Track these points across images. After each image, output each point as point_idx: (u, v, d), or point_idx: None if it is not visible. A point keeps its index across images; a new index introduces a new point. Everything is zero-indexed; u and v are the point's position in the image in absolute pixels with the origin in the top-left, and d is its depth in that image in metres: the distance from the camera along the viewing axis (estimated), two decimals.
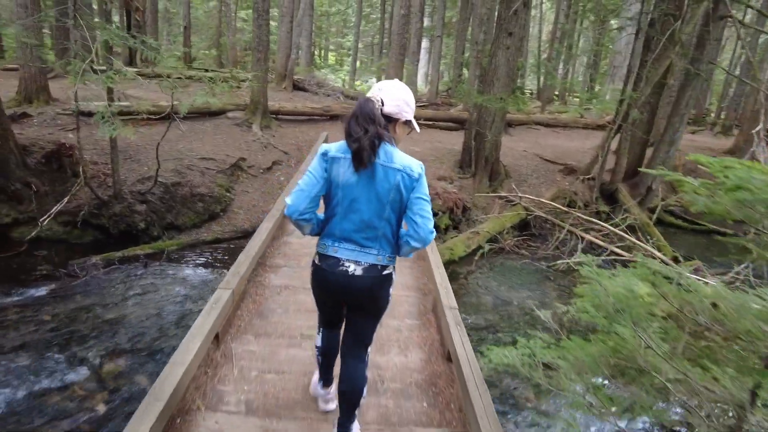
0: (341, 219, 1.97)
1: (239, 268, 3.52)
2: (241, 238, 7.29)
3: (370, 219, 1.95)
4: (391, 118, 1.99)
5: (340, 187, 1.94)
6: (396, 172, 1.91)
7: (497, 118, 8.89)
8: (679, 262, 8.16)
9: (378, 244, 1.99)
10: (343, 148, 1.94)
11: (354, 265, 1.97)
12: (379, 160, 1.91)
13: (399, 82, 2.08)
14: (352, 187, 1.93)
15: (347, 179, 1.92)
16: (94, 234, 6.86)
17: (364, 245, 1.98)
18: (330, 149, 1.96)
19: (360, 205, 1.94)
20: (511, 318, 6.30)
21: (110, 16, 5.84)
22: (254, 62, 9.67)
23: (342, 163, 1.92)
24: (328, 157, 1.94)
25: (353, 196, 1.94)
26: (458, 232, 8.44)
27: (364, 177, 1.91)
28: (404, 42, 12.16)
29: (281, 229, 4.83)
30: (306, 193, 1.93)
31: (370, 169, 1.90)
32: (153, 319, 5.27)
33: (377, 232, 1.97)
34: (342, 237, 1.99)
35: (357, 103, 1.96)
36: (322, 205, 2.05)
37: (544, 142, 13.31)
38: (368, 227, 1.96)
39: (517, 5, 8.31)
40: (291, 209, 1.93)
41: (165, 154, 7.85)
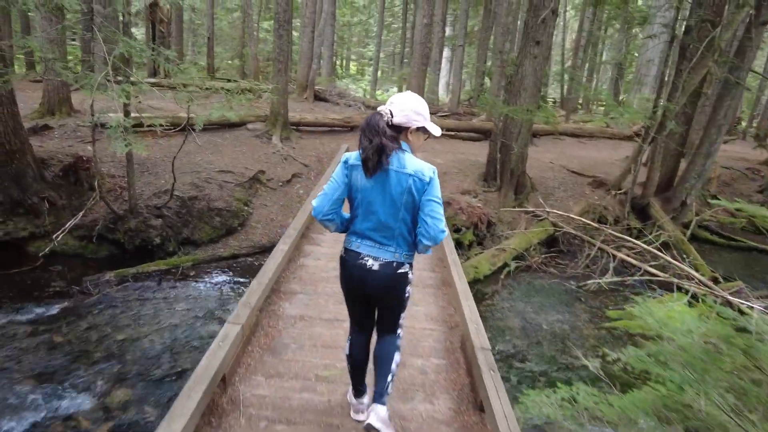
0: (362, 219, 2.20)
1: (250, 299, 3.22)
2: (258, 254, 7.04)
3: (386, 220, 2.15)
4: (402, 128, 2.16)
5: (359, 191, 2.16)
6: (408, 176, 2.09)
7: (524, 130, 8.49)
8: (719, 282, 7.62)
9: (395, 242, 2.18)
10: (360, 157, 2.13)
11: (372, 260, 2.18)
12: (392, 166, 2.09)
13: (410, 93, 2.23)
14: (368, 190, 2.13)
15: (364, 184, 2.13)
16: (110, 249, 6.68)
17: (383, 243, 2.18)
18: (350, 157, 2.18)
19: (376, 207, 2.14)
20: (541, 344, 5.88)
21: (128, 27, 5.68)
22: (275, 73, 9.47)
23: (359, 170, 2.13)
24: (348, 165, 2.17)
25: (370, 199, 2.14)
26: (482, 248, 8.05)
27: (379, 182, 2.11)
28: (427, 51, 11.86)
29: (298, 250, 4.54)
30: (328, 197, 2.17)
31: (385, 174, 2.10)
32: (165, 341, 5.02)
33: (394, 231, 2.16)
34: (363, 235, 2.20)
35: (366, 117, 2.15)
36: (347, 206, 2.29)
37: (571, 153, 12.82)
38: (385, 227, 2.16)
39: (545, 14, 7.93)
40: (316, 210, 2.18)
41: (183, 167, 7.67)
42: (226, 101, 5.62)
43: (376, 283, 2.20)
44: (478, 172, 9.36)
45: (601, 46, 27.95)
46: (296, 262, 4.30)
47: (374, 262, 2.18)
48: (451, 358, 3.13)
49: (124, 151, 4.74)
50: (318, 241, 4.88)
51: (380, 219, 2.14)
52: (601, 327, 6.47)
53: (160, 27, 14.96)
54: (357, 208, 2.21)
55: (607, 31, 26.92)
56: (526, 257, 7.93)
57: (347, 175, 2.17)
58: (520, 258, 7.90)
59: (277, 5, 9.09)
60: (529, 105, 8.26)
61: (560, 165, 11.19)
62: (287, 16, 9.13)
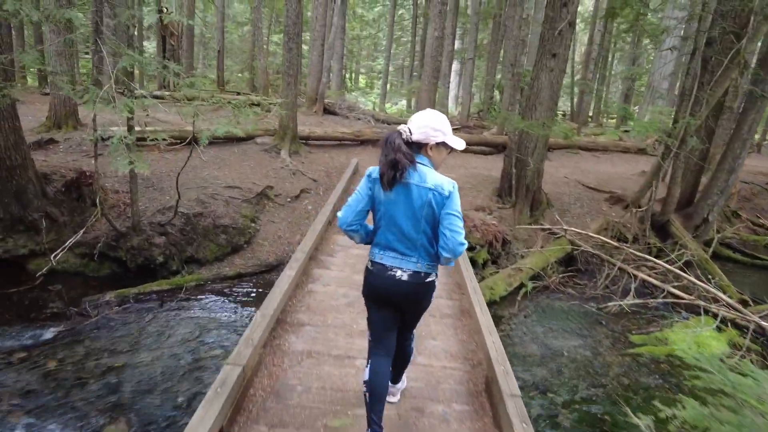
0: (385, 230, 2.24)
1: (253, 334, 2.90)
2: (264, 272, 6.73)
3: (408, 231, 2.20)
4: (422, 144, 2.22)
5: (382, 203, 2.21)
6: (428, 190, 2.15)
7: (539, 144, 8.16)
8: (748, 305, 7.20)
9: (417, 253, 2.22)
10: None
11: (400, 271, 2.22)
12: (412, 180, 2.15)
13: (429, 110, 2.28)
14: (391, 203, 2.19)
15: (387, 197, 2.19)
16: (112, 267, 6.41)
17: (405, 254, 2.22)
18: (373, 171, 2.24)
19: (399, 220, 2.19)
20: (562, 373, 5.48)
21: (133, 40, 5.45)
22: (284, 86, 9.25)
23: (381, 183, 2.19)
24: (372, 178, 2.23)
25: (392, 212, 2.20)
26: (497, 267, 7.69)
27: (401, 195, 2.17)
28: (438, 65, 11.61)
29: (306, 275, 4.22)
30: (352, 209, 2.24)
31: (406, 188, 2.16)
32: (164, 369, 4.71)
33: (416, 242, 2.20)
34: (386, 246, 2.25)
35: (385, 135, 2.21)
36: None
37: (585, 168, 12.45)
38: (407, 238, 2.21)
39: (562, 26, 7.65)
40: (341, 221, 2.25)
41: (188, 182, 7.42)
42: (233, 116, 5.36)
43: (405, 293, 2.25)
44: (492, 187, 9.03)
45: (611, 59, 27.68)
46: (304, 288, 3.98)
47: (403, 273, 2.22)
48: (476, 404, 2.78)
49: (126, 170, 4.47)
50: (327, 264, 4.56)
51: (402, 230, 2.20)
52: (624, 353, 6.08)
53: (170, 40, 14.88)
54: (380, 219, 2.26)
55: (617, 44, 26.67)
56: (543, 277, 7.56)
57: (371, 188, 2.24)
58: (537, 278, 7.54)
59: (287, 18, 8.89)
60: (545, 119, 7.95)
61: (575, 180, 10.83)
62: (297, 29, 8.92)
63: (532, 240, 8.32)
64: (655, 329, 6.69)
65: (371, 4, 29.71)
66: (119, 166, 4.45)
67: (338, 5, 14.17)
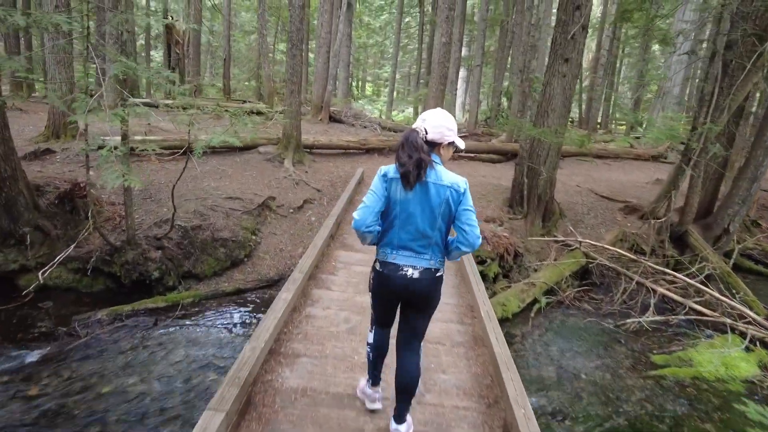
0: (399, 230, 2.22)
1: (240, 372, 2.54)
2: (265, 288, 6.39)
3: (424, 229, 2.20)
4: (435, 143, 2.24)
5: (398, 203, 2.19)
6: (446, 188, 2.17)
7: (552, 153, 7.78)
8: None
9: (430, 250, 2.24)
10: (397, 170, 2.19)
11: (411, 269, 2.22)
12: (430, 179, 2.16)
13: (440, 110, 2.31)
14: (409, 202, 2.18)
15: (404, 196, 2.18)
16: (106, 283, 6.09)
17: (419, 252, 2.22)
18: (389, 171, 2.21)
19: (416, 218, 2.19)
20: (581, 398, 5.07)
21: (126, 46, 5.16)
22: (288, 94, 8.95)
23: (398, 183, 2.17)
24: (388, 178, 2.20)
25: (410, 210, 2.19)
26: (509, 281, 7.29)
27: (419, 193, 2.17)
28: (445, 71, 11.27)
29: (304, 296, 3.86)
30: (371, 209, 2.17)
31: (424, 186, 2.16)
32: (155, 396, 4.36)
33: (430, 240, 2.22)
34: (400, 246, 2.23)
35: (404, 134, 2.21)
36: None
37: (598, 176, 12.02)
38: (423, 236, 2.21)
39: (575, 29, 7.29)
40: (359, 223, 2.16)
41: (187, 193, 7.12)
42: (230, 125, 5.04)
43: (418, 290, 2.26)
44: (502, 197, 8.64)
45: (619, 65, 27.23)
46: (302, 311, 3.62)
47: (414, 271, 2.23)
48: None
49: (116, 184, 4.16)
50: (328, 283, 4.20)
51: (419, 228, 2.20)
52: (646, 375, 5.66)
53: (175, 49, 14.69)
54: (394, 219, 2.23)
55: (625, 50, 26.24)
56: (557, 292, 7.15)
57: (386, 188, 2.21)
58: (551, 292, 7.14)
59: (291, 25, 8.60)
60: (558, 126, 7.58)
61: (588, 188, 10.41)
62: (300, 35, 8.62)
63: (545, 252, 7.92)
64: (678, 348, 6.26)
65: (378, 11, 29.53)
66: (108, 180, 4.13)
67: (344, 12, 13.91)
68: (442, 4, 11.07)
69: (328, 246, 5.10)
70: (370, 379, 2.60)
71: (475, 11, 26.13)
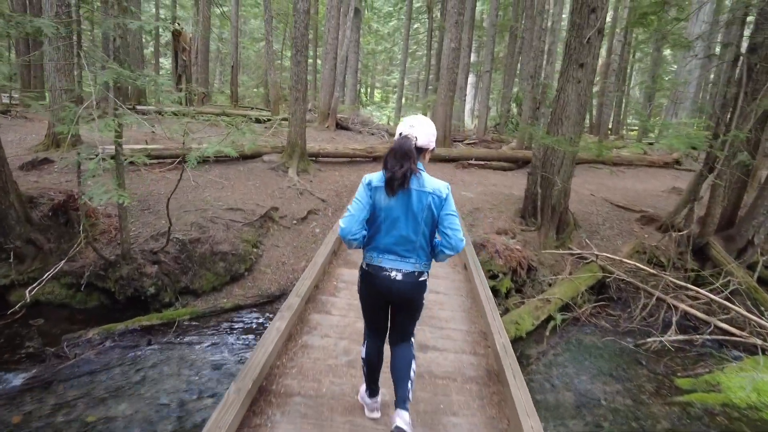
0: (384, 235, 2.28)
1: (222, 419, 2.20)
2: (265, 304, 6.06)
3: (408, 234, 2.27)
4: (422, 149, 2.34)
5: (383, 209, 2.25)
6: (428, 194, 2.25)
7: (566, 161, 7.39)
8: None
9: (415, 254, 2.30)
10: (382, 178, 2.23)
11: (395, 271, 2.28)
12: (413, 185, 2.23)
13: (424, 117, 2.42)
14: (393, 208, 2.24)
15: (388, 203, 2.23)
16: (100, 298, 5.80)
17: (404, 255, 2.29)
18: (372, 179, 2.26)
19: (400, 224, 2.25)
20: (601, 428, 4.67)
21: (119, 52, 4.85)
22: (292, 101, 8.64)
23: (382, 191, 2.23)
24: (372, 186, 2.25)
25: (394, 216, 2.25)
26: (521, 296, 6.90)
27: (402, 200, 2.23)
28: (454, 77, 10.93)
29: (301, 322, 3.51)
30: (355, 218, 2.22)
31: (407, 193, 2.22)
32: (146, 423, 4.04)
33: (414, 244, 2.29)
34: (385, 250, 2.29)
35: (396, 140, 2.28)
36: None
37: (611, 184, 11.58)
38: (407, 241, 2.28)
39: (591, 33, 6.91)
40: (345, 231, 2.20)
41: (187, 204, 6.82)
42: (226, 135, 4.73)
43: (401, 291, 2.30)
44: (514, 207, 8.25)
45: (630, 70, 26.72)
46: (297, 340, 3.27)
47: (398, 273, 2.27)
48: None
49: (104, 200, 3.86)
50: (328, 306, 3.85)
51: (402, 234, 2.25)
52: (672, 402, 5.23)
53: (182, 56, 14.50)
54: (380, 224, 2.27)
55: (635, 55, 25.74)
56: (573, 308, 6.74)
57: (371, 195, 2.24)
58: (566, 308, 6.73)
59: (295, 30, 8.32)
60: (572, 134, 7.20)
61: (602, 197, 9.98)
62: (305, 41, 8.33)
63: (560, 265, 7.51)
64: (704, 371, 5.82)
65: (386, 18, 29.30)
66: (94, 196, 3.83)
67: (351, 18, 13.63)
68: (451, 9, 10.75)
69: (330, 263, 4.75)
70: (368, 390, 2.61)
71: (484, 17, 25.81)
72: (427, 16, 24.54)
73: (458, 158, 11.38)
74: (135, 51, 14.84)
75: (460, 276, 4.74)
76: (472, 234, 7.05)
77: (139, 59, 14.99)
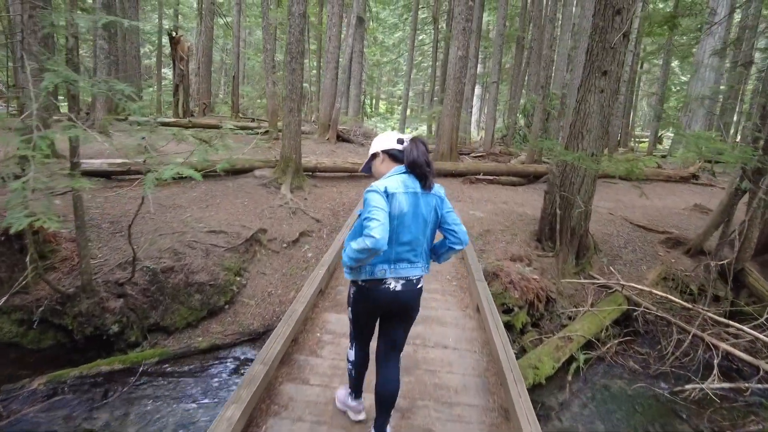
0: (396, 244, 2.18)
1: None
2: (246, 343, 5.21)
3: (417, 238, 2.22)
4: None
5: (396, 217, 2.15)
6: (433, 196, 2.25)
7: (587, 179, 6.53)
8: None
9: (421, 258, 2.27)
10: (396, 185, 2.15)
11: (395, 282, 2.21)
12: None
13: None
14: (406, 215, 2.16)
15: (402, 209, 2.15)
16: (57, 337, 4.97)
17: (413, 261, 2.24)
18: (387, 186, 2.13)
19: (411, 229, 2.19)
20: None
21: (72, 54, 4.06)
22: (286, 112, 7.85)
23: (398, 197, 2.14)
24: (389, 194, 2.13)
25: (407, 223, 2.17)
26: (539, 330, 6.01)
27: (414, 204, 2.18)
28: (461, 87, 10.13)
29: (269, 398, 2.65)
30: (385, 227, 2.02)
31: (417, 197, 2.19)
32: None
33: (421, 248, 2.25)
34: (396, 259, 2.20)
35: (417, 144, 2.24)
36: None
37: (629, 201, 10.69)
38: (417, 245, 2.23)
39: (616, 38, 6.09)
40: (381, 243, 1.98)
41: (164, 226, 6.02)
42: (190, 153, 3.93)
43: (402, 302, 2.26)
44: (529, 229, 7.38)
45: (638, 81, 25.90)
46: (260, 426, 2.41)
47: (397, 284, 2.21)
48: None
49: (23, 226, 3.05)
50: (306, 372, 2.98)
51: (412, 239, 2.20)
52: None
53: (179, 65, 13.81)
54: (391, 234, 2.15)
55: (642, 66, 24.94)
56: (597, 345, 5.85)
57: (389, 203, 2.12)
58: (589, 345, 5.84)
59: (290, 35, 7.55)
60: (594, 150, 6.35)
61: (621, 216, 9.09)
62: (300, 48, 7.55)
63: (580, 294, 6.62)
64: (756, 427, 4.90)
65: (391, 29, 28.67)
66: (13, 221, 3.03)
67: (353, 26, 12.90)
68: (458, 15, 9.97)
69: (315, 306, 3.90)
70: (353, 392, 2.58)
71: (490, 28, 25.10)
72: (432, 27, 23.86)
73: (465, 173, 10.53)
74: (132, 60, 14.20)
75: (471, 323, 3.87)
76: (483, 260, 6.18)
77: (136, 68, 14.34)
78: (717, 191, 12.54)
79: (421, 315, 4.14)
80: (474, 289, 4.27)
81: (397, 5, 25.63)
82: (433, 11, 22.56)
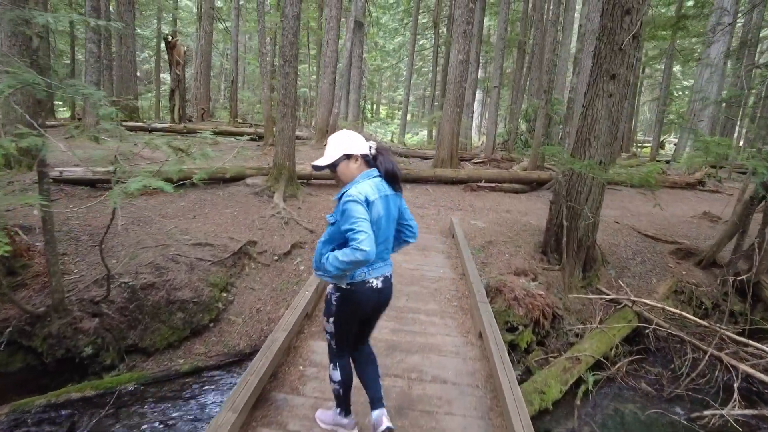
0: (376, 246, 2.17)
1: None
2: (231, 365, 4.82)
3: (388, 237, 2.33)
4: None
5: (375, 222, 2.18)
6: (397, 196, 2.37)
7: (595, 189, 6.15)
8: None
9: (388, 254, 2.37)
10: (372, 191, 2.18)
11: (376, 280, 2.29)
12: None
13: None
14: (382, 218, 2.24)
15: (380, 214, 2.22)
16: (26, 359, 4.58)
17: (386, 258, 2.35)
18: (367, 195, 2.14)
19: (385, 230, 2.28)
20: None
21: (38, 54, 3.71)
22: (279, 117, 7.49)
23: (376, 204, 2.19)
24: (370, 201, 2.15)
25: (383, 225, 2.25)
26: (544, 349, 5.61)
27: (386, 207, 2.26)
28: (462, 91, 9.76)
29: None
30: (372, 237, 2.05)
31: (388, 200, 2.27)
32: None
33: (390, 245, 2.38)
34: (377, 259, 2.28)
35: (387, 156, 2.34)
36: None
37: (635, 209, 10.29)
38: (388, 244, 2.35)
39: (626, 39, 5.72)
40: (371, 255, 2.00)
41: (148, 238, 5.64)
42: (162, 164, 3.57)
43: (382, 299, 2.36)
44: (533, 240, 6.98)
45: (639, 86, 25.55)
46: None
47: (377, 281, 2.30)
48: None
49: None
50: (284, 415, 2.57)
51: (386, 238, 2.31)
52: None
53: (176, 70, 13.49)
54: None
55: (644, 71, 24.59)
56: (606, 365, 5.45)
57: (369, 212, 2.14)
58: (598, 365, 5.44)
59: (284, 38, 7.20)
60: (602, 157, 5.97)
61: (628, 225, 8.69)
62: (294, 51, 7.19)
63: (587, 309, 6.22)
64: None
65: (392, 34, 28.38)
66: None
67: (352, 30, 12.57)
68: (459, 18, 9.62)
69: (299, 334, 3.50)
70: (343, 411, 2.53)
71: (491, 32, 24.79)
72: (432, 32, 23.56)
73: (466, 180, 10.15)
74: (128, 64, 13.88)
75: (473, 351, 3.47)
76: (485, 275, 5.79)
77: (132, 73, 14.02)
78: (724, 198, 12.13)
79: (419, 343, 3.76)
80: (476, 311, 3.88)
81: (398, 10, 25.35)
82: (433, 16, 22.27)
